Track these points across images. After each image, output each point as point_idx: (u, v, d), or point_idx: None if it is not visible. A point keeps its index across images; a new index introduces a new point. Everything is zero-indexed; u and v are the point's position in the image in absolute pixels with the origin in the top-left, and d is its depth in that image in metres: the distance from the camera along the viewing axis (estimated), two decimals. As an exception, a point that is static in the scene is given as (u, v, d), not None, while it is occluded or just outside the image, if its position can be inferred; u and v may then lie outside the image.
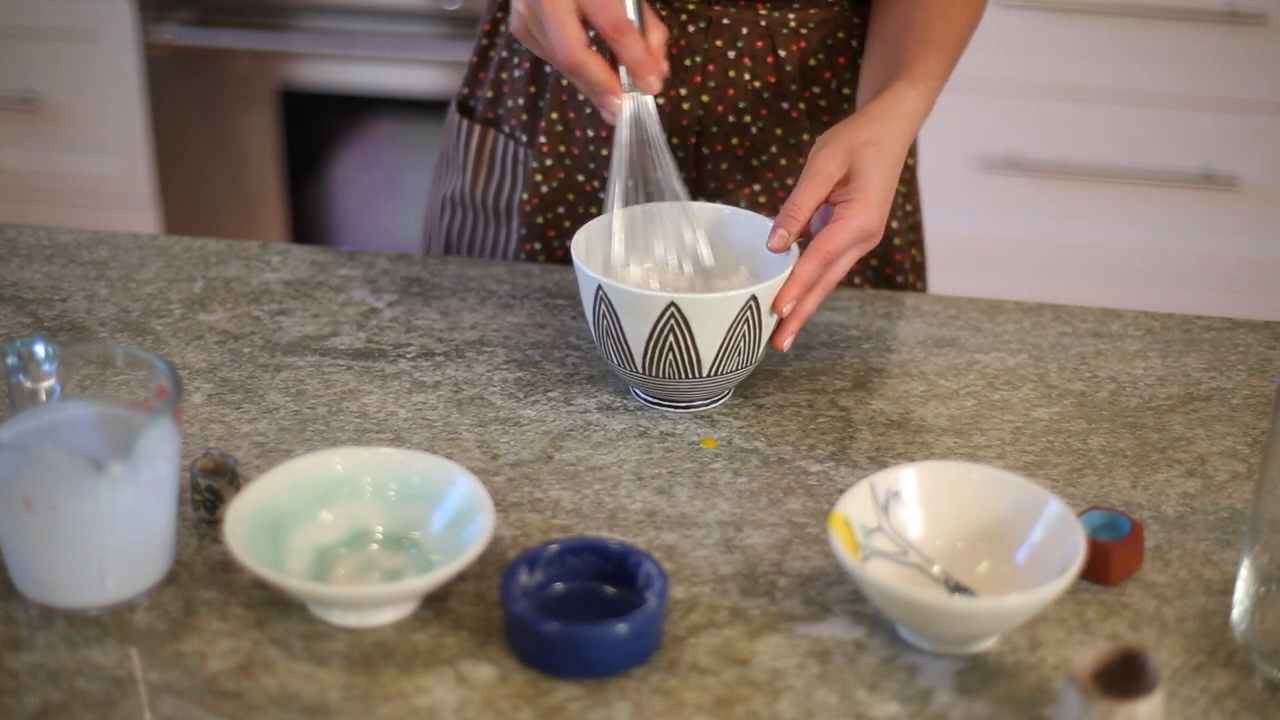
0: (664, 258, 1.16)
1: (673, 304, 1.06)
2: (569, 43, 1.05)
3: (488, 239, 1.42)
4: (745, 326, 1.08)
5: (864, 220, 1.10)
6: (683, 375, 1.09)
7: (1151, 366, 1.21)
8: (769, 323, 1.10)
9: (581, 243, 1.13)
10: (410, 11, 2.47)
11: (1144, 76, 2.38)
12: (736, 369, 1.11)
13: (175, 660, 0.90)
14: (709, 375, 1.10)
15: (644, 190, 1.14)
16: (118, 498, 0.90)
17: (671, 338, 1.07)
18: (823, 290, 1.11)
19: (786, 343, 1.11)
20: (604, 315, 1.09)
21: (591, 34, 1.09)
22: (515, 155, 1.38)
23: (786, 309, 1.09)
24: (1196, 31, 2.34)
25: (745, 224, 1.16)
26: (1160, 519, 1.04)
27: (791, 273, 1.09)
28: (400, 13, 2.47)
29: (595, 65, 1.07)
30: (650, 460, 1.08)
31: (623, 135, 1.10)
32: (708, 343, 1.08)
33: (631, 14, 1.08)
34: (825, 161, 1.11)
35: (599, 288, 1.08)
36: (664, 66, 1.09)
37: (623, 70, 1.09)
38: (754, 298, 1.07)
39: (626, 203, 1.14)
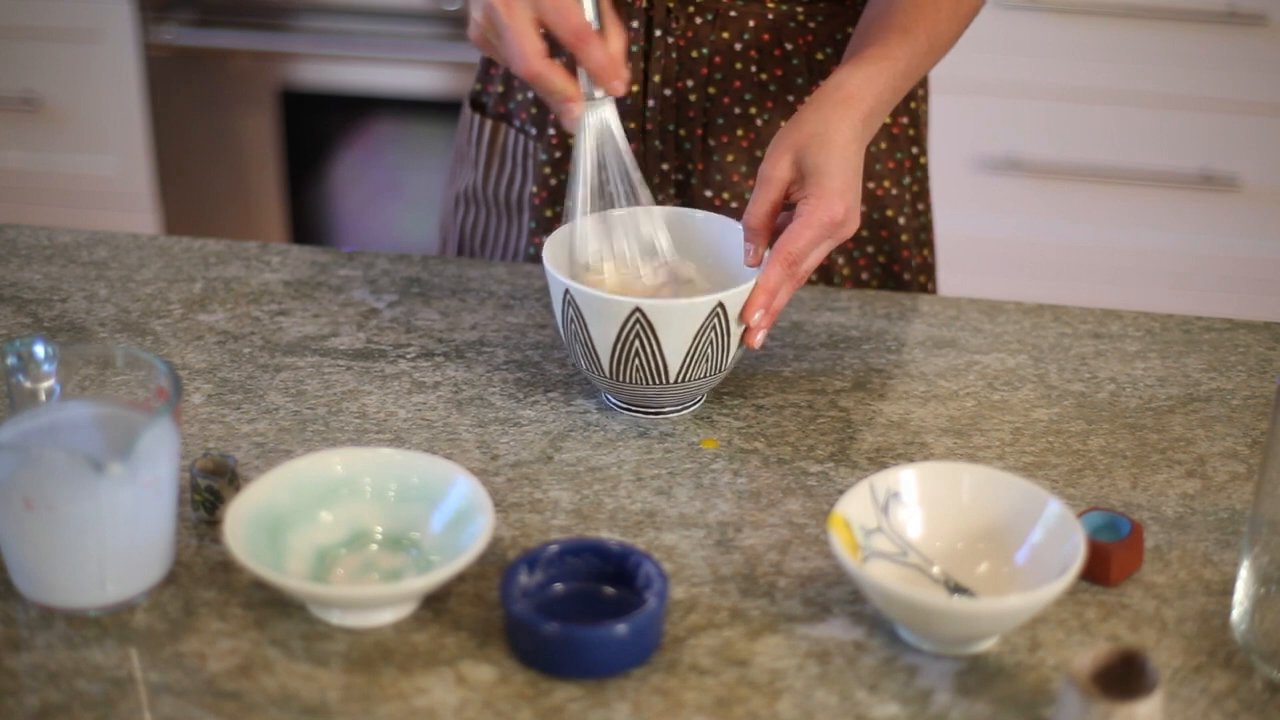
0: (631, 258, 1.15)
1: (638, 309, 1.05)
2: (528, 53, 1.04)
3: (500, 234, 1.43)
4: (713, 333, 1.07)
5: (823, 213, 1.08)
6: (650, 381, 1.09)
7: (1151, 367, 1.21)
8: (737, 329, 1.09)
9: (552, 246, 1.12)
10: (410, 11, 2.47)
11: (1144, 76, 2.38)
12: (705, 375, 1.10)
13: (175, 660, 0.90)
14: (677, 381, 1.09)
15: (605, 196, 1.12)
16: (118, 498, 0.90)
17: (638, 343, 1.07)
18: (791, 286, 1.09)
19: (758, 340, 1.10)
20: (572, 320, 1.08)
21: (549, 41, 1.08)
22: (526, 149, 1.38)
23: (755, 318, 1.08)
24: (1196, 31, 2.34)
25: (707, 225, 1.15)
26: (1160, 519, 1.04)
27: (757, 281, 1.07)
28: (400, 13, 2.47)
29: (555, 74, 1.05)
30: (650, 461, 1.08)
31: (585, 143, 1.09)
32: (674, 349, 1.07)
33: (590, 14, 1.06)
34: (771, 167, 1.10)
35: (566, 292, 1.07)
36: (626, 71, 1.07)
37: (582, 77, 1.07)
38: (721, 304, 1.06)
39: (589, 209, 1.12)
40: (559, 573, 0.95)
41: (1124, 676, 0.82)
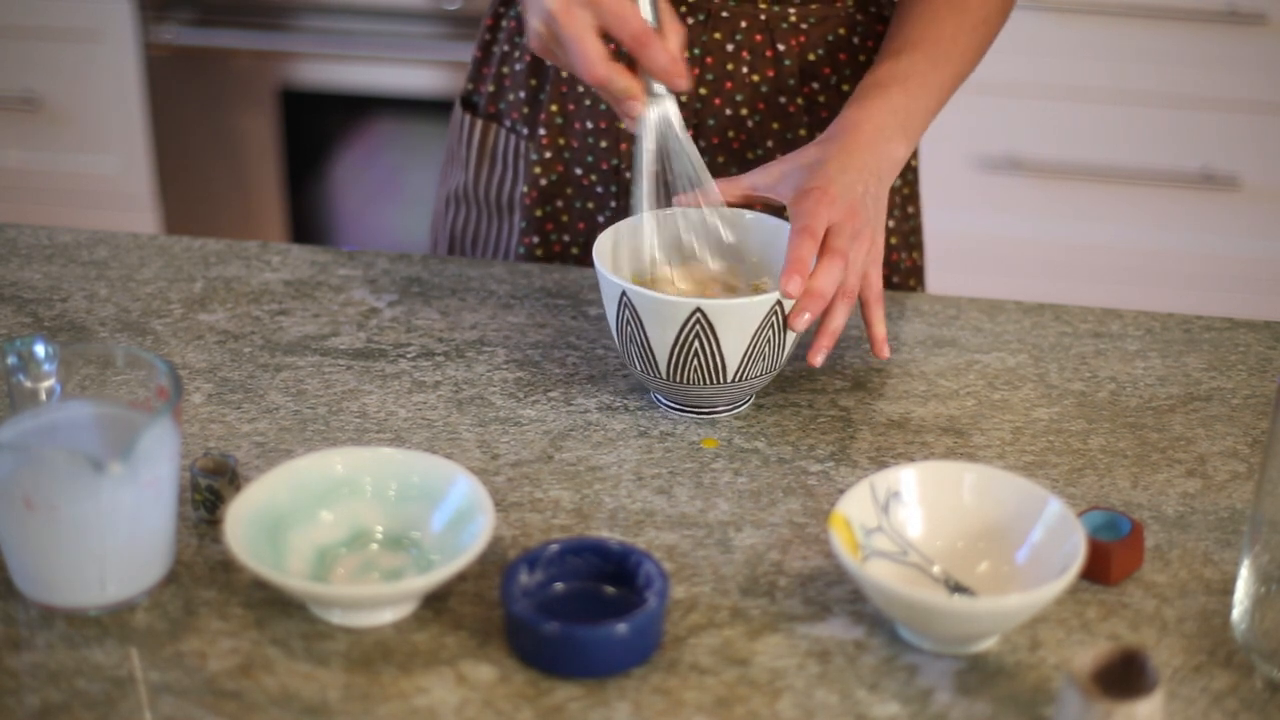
0: (700, 256, 1.16)
1: (699, 309, 1.06)
2: (591, 59, 1.06)
3: (490, 234, 1.43)
4: (770, 331, 1.07)
5: (807, 183, 1.10)
6: (707, 381, 1.09)
7: (1151, 366, 1.21)
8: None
9: (606, 246, 1.13)
10: (410, 11, 2.47)
11: (1144, 76, 2.38)
12: (760, 374, 1.10)
13: (175, 660, 0.90)
14: (734, 381, 1.09)
15: (667, 190, 1.14)
16: (118, 498, 0.90)
17: (697, 344, 1.07)
18: (847, 299, 1.10)
19: (819, 359, 1.10)
20: (628, 322, 1.08)
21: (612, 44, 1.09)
22: (516, 149, 1.38)
23: (801, 315, 1.07)
24: (1196, 31, 2.34)
25: (757, 226, 1.16)
26: (1160, 519, 1.04)
27: (787, 256, 1.07)
28: (400, 13, 2.47)
29: (619, 76, 1.07)
30: (650, 460, 1.08)
31: (646, 143, 1.10)
32: (733, 348, 1.07)
33: (648, 14, 1.07)
34: (790, 204, 1.12)
35: (623, 294, 1.07)
36: (687, 67, 1.09)
37: (643, 74, 1.08)
38: (779, 302, 1.07)
39: (653, 208, 1.13)
40: (559, 572, 0.95)
41: (1124, 676, 0.82)
